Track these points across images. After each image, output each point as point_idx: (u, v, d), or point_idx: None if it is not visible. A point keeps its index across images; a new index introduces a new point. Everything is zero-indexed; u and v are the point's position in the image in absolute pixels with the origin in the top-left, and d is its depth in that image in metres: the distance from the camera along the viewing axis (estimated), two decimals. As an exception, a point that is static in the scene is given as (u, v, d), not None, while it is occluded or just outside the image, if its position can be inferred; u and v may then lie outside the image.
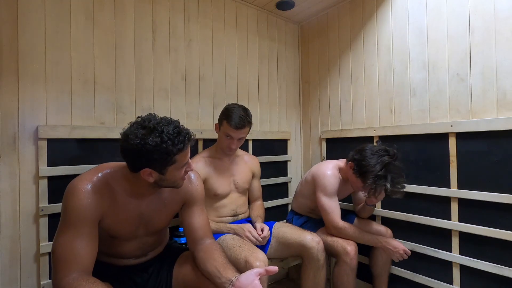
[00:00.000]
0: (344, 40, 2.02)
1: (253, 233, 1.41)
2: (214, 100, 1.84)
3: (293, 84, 2.34)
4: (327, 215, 1.52)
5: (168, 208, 1.11)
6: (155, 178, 0.94)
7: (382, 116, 1.80)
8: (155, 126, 0.88)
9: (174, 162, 0.91)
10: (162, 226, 1.14)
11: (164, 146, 0.86)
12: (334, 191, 1.55)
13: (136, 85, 1.53)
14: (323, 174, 1.57)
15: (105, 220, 0.96)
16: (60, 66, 1.32)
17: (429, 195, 1.56)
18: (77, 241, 0.86)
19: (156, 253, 1.20)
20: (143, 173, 0.91)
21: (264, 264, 1.20)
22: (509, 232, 1.30)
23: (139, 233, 1.07)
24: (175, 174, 0.96)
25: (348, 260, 1.43)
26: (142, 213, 1.04)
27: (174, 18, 1.68)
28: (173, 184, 1.00)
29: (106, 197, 0.94)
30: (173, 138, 0.87)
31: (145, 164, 0.89)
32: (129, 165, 0.93)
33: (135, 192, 1.01)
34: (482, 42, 1.38)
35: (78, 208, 0.87)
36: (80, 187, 0.90)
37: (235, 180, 1.60)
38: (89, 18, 1.40)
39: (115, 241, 1.04)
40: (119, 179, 0.98)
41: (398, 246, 1.44)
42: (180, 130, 0.92)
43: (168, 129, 0.88)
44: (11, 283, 1.19)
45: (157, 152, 0.86)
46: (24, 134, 1.23)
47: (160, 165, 0.90)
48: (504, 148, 1.32)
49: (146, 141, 0.85)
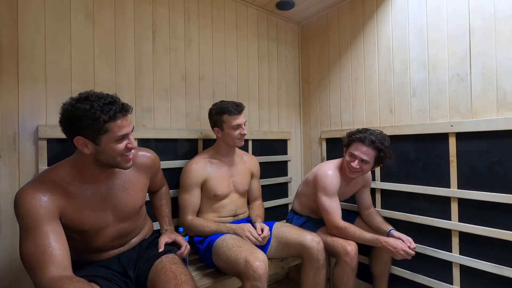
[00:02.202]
0: (344, 40, 2.02)
1: (253, 233, 1.41)
2: (214, 100, 1.83)
3: (293, 84, 2.34)
4: (328, 215, 1.52)
5: (135, 185, 1.12)
6: (91, 150, 0.94)
7: (382, 116, 1.80)
8: (88, 96, 0.91)
9: (106, 131, 0.91)
10: (133, 208, 1.12)
11: (92, 111, 0.88)
12: (335, 191, 1.54)
13: (136, 85, 1.53)
14: (324, 174, 1.56)
15: (65, 216, 0.94)
16: (60, 66, 1.32)
17: (429, 195, 1.56)
18: (41, 240, 0.83)
19: (139, 239, 1.18)
20: (76, 143, 0.92)
21: (264, 264, 1.20)
22: (509, 232, 1.30)
23: (109, 220, 1.06)
24: (111, 147, 0.94)
25: (348, 260, 1.43)
26: (104, 198, 1.04)
27: (174, 18, 1.68)
28: (113, 160, 0.98)
29: (56, 194, 0.92)
30: (102, 106, 0.90)
31: (76, 132, 0.91)
32: (65, 135, 0.95)
33: (87, 177, 1.00)
34: (482, 42, 1.38)
35: (30, 210, 0.85)
36: (25, 193, 0.88)
37: (234, 181, 1.60)
38: (89, 18, 1.40)
39: (88, 235, 1.02)
40: (66, 171, 0.98)
41: (397, 246, 1.41)
42: (114, 101, 0.93)
43: (100, 99, 0.91)
44: (11, 283, 1.19)
45: (85, 118, 0.88)
46: (24, 134, 1.23)
47: (91, 132, 0.90)
48: (504, 148, 1.32)
49: (77, 107, 0.89)
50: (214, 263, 1.34)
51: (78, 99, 0.92)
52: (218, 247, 1.33)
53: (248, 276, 1.17)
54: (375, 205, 1.79)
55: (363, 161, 1.46)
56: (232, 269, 1.25)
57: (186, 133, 1.70)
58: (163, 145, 1.62)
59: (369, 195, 1.72)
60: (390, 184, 1.73)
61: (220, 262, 1.31)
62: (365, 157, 1.45)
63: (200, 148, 1.77)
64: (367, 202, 1.71)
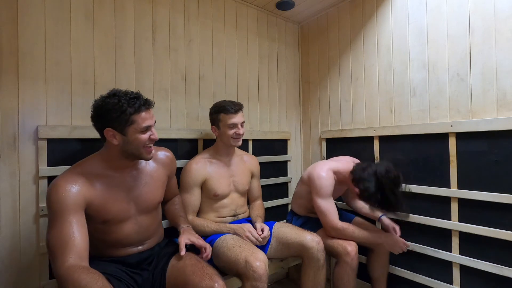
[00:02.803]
0: (344, 40, 2.02)
1: (253, 233, 1.41)
2: (214, 100, 1.83)
3: (293, 84, 2.34)
4: (325, 217, 1.50)
5: (155, 180, 1.21)
6: (119, 141, 1.04)
7: (382, 116, 1.80)
8: (115, 93, 1.04)
9: (132, 123, 1.02)
10: (153, 202, 1.20)
11: (120, 105, 1.00)
12: (330, 192, 1.52)
13: (136, 85, 1.53)
14: (317, 175, 1.52)
15: (92, 206, 1.02)
16: (60, 66, 1.32)
17: (429, 195, 1.56)
18: (66, 229, 0.92)
19: (152, 244, 1.21)
20: (106, 134, 1.03)
21: (264, 264, 1.20)
22: (509, 232, 1.30)
23: (132, 211, 1.13)
24: (137, 137, 1.05)
25: (349, 260, 1.43)
26: (128, 189, 1.12)
27: (174, 18, 1.68)
28: (138, 151, 1.07)
29: (85, 185, 1.00)
30: (129, 100, 1.02)
31: (106, 124, 1.02)
32: (97, 130, 1.07)
33: (114, 166, 1.10)
34: (482, 42, 1.38)
35: (59, 200, 0.94)
36: (58, 183, 0.97)
37: (234, 181, 1.60)
38: (89, 18, 1.40)
39: (110, 225, 1.09)
40: (97, 163, 1.08)
41: (397, 240, 1.48)
42: (138, 96, 1.05)
43: (127, 94, 1.04)
44: (11, 283, 1.19)
45: (114, 111, 1.00)
46: (24, 134, 1.23)
47: (119, 124, 1.01)
48: (504, 148, 1.32)
49: (107, 102, 1.01)
50: (214, 263, 1.34)
51: (107, 95, 1.04)
52: (218, 247, 1.33)
53: (248, 276, 1.17)
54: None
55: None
56: (232, 269, 1.25)
57: (186, 133, 1.70)
58: (163, 145, 1.60)
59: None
60: (390, 184, 1.73)
61: (220, 262, 1.31)
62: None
63: (200, 148, 1.77)
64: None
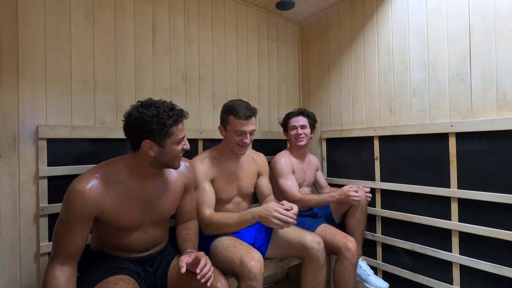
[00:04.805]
0: (344, 40, 2.02)
1: (281, 211, 1.23)
2: (214, 100, 1.84)
3: (293, 84, 2.34)
4: (286, 193, 1.65)
5: (172, 191, 1.18)
6: (155, 152, 1.02)
7: (382, 116, 1.80)
8: (152, 103, 1.01)
9: (171, 135, 1.02)
10: (166, 215, 1.19)
11: (160, 117, 0.98)
12: (288, 170, 1.72)
13: (136, 85, 1.53)
14: (273, 161, 1.77)
15: (104, 214, 1.01)
16: (60, 66, 1.32)
17: (429, 195, 1.56)
18: (68, 235, 0.96)
19: (155, 251, 1.21)
20: (144, 146, 1.00)
21: (260, 263, 1.19)
22: (509, 232, 1.30)
23: (145, 221, 1.12)
24: (173, 148, 1.04)
25: (349, 256, 1.44)
26: (147, 198, 1.11)
27: (174, 18, 1.68)
28: (171, 161, 1.07)
29: (103, 194, 1.00)
30: (168, 111, 1.00)
31: (145, 136, 0.99)
32: (131, 141, 1.03)
33: (137, 173, 1.08)
34: (482, 42, 1.38)
35: (71, 207, 0.96)
36: (77, 188, 0.96)
37: (239, 185, 1.53)
38: (89, 18, 1.40)
39: (120, 232, 1.09)
40: (120, 169, 1.06)
41: (347, 188, 1.59)
42: (174, 106, 1.05)
43: (163, 105, 1.02)
44: (11, 283, 1.19)
45: (155, 123, 0.97)
46: (24, 134, 1.23)
47: (158, 136, 0.99)
48: (504, 148, 1.32)
49: (145, 113, 0.98)
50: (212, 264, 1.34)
51: (142, 106, 1.01)
52: (214, 248, 1.33)
53: (243, 275, 1.17)
54: (375, 205, 1.80)
55: (302, 126, 1.79)
56: (228, 269, 1.25)
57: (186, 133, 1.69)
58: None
59: (322, 176, 2.00)
60: (390, 184, 1.73)
61: (217, 262, 1.30)
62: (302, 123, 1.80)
63: (200, 148, 1.76)
64: (322, 182, 1.98)
